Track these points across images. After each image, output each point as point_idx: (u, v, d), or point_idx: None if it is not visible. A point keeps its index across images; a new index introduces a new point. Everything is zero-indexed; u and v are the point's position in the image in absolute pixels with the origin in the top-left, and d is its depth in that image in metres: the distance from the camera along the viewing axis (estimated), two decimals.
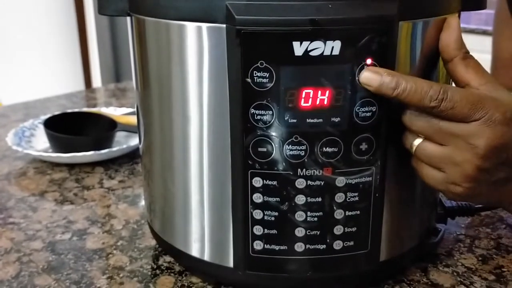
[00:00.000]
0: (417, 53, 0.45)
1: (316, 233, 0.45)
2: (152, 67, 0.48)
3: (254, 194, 0.45)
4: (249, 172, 0.44)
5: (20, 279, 0.53)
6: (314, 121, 0.42)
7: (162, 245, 0.56)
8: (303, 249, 0.46)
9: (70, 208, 0.68)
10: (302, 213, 0.45)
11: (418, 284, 0.52)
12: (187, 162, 0.48)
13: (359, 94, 0.42)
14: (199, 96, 0.45)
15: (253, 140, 0.43)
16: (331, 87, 0.41)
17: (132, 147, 0.81)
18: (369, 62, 0.41)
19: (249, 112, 0.42)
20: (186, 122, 0.46)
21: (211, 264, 0.50)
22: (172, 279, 0.53)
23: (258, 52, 0.40)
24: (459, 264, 0.55)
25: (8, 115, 1.08)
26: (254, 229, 0.46)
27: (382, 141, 0.44)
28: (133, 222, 0.64)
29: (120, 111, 0.97)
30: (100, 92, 1.39)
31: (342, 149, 0.43)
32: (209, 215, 0.48)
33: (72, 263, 0.56)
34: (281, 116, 0.42)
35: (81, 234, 0.61)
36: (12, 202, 0.70)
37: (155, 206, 0.54)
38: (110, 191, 0.73)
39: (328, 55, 0.40)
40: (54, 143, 0.83)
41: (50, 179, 0.77)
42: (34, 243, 0.60)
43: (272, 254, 0.46)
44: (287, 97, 0.41)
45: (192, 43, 0.43)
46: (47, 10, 2.78)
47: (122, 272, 0.54)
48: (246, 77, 0.41)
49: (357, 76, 0.41)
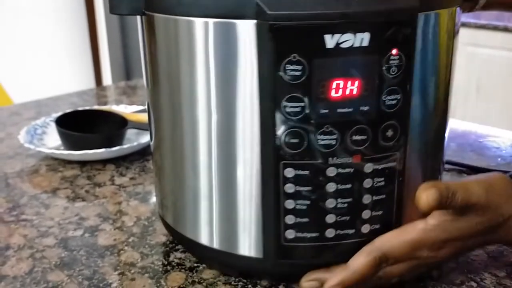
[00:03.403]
0: (432, 43, 0.46)
1: (346, 218, 0.47)
2: (171, 65, 0.48)
3: (286, 185, 0.46)
4: (281, 163, 0.45)
5: (33, 275, 0.54)
6: (344, 111, 0.44)
7: (179, 239, 0.56)
8: (333, 235, 0.47)
9: (82, 205, 0.69)
10: (333, 200, 0.46)
11: (428, 281, 0.52)
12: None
13: (386, 83, 0.44)
14: (222, 93, 0.45)
15: (285, 132, 0.44)
16: (360, 77, 0.43)
17: (142, 144, 0.82)
18: (394, 52, 0.43)
19: (281, 105, 0.43)
20: (211, 118, 0.47)
21: (237, 256, 0.50)
22: (183, 275, 0.53)
23: (290, 46, 0.42)
24: (470, 261, 0.55)
25: (20, 113, 1.09)
26: (286, 219, 0.47)
27: (405, 127, 0.46)
28: (144, 218, 0.65)
29: (131, 109, 0.98)
30: (111, 90, 1.40)
31: (370, 136, 0.45)
32: (223, 206, 0.49)
33: (84, 259, 0.56)
34: (313, 107, 0.43)
35: (93, 231, 0.62)
36: (24, 199, 0.70)
37: (169, 201, 0.55)
38: (121, 188, 0.73)
39: (358, 46, 0.42)
40: (65, 141, 0.83)
41: (62, 176, 0.77)
42: (47, 240, 0.60)
43: (304, 242, 0.47)
44: (319, 89, 0.43)
45: (217, 40, 0.44)
46: (58, 9, 2.79)
47: (133, 268, 0.55)
48: (278, 70, 0.42)
49: (384, 66, 0.43)
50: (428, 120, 0.49)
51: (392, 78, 0.44)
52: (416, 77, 0.46)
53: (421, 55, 0.45)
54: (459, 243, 0.47)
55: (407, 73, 0.44)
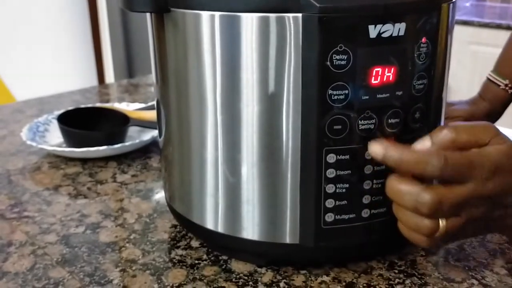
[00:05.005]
0: (444, 31, 0.50)
1: (379, 198, 0.50)
2: (199, 62, 0.49)
3: (327, 170, 0.48)
4: (323, 150, 0.47)
5: (35, 271, 0.54)
6: (382, 96, 0.47)
7: (205, 234, 0.56)
8: (368, 215, 0.50)
9: (83, 202, 0.69)
10: (369, 181, 0.49)
11: (429, 278, 0.52)
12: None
13: (416, 69, 0.48)
14: (262, 85, 0.47)
15: (329, 120, 0.46)
16: (396, 64, 0.46)
17: (144, 141, 0.82)
18: (424, 40, 0.47)
19: (327, 94, 0.46)
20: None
21: (267, 244, 0.52)
22: (184, 272, 0.53)
23: (337, 36, 0.44)
24: (471, 259, 0.55)
25: (23, 111, 1.09)
26: (327, 203, 0.49)
27: (429, 109, 0.50)
28: (145, 216, 0.65)
29: (133, 106, 0.98)
30: (113, 88, 1.40)
31: (402, 119, 0.48)
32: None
33: (85, 256, 0.56)
34: (356, 94, 0.46)
35: (95, 228, 0.62)
36: (27, 196, 0.71)
37: (193, 196, 0.55)
38: (123, 185, 0.73)
39: (396, 36, 0.45)
40: (67, 138, 0.84)
41: (64, 173, 0.77)
42: (49, 236, 0.60)
43: (342, 224, 0.50)
44: (361, 76, 0.46)
45: (258, 34, 0.46)
46: (61, 6, 2.79)
47: (134, 265, 0.55)
48: (325, 60, 0.45)
49: (415, 53, 0.47)
50: (438, 102, 0.52)
51: (421, 64, 0.48)
52: (439, 63, 0.50)
53: (440, 43, 0.49)
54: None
55: (433, 59, 0.48)
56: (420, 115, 0.49)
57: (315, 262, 0.54)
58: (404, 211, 0.46)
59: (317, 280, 0.52)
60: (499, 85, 0.92)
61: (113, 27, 2.93)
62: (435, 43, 0.48)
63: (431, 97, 0.50)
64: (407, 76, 0.47)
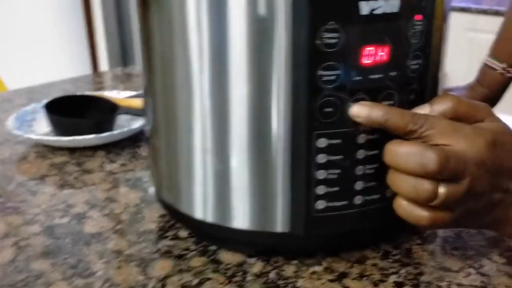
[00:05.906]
0: (438, 10, 0.48)
1: (373, 184, 0.48)
2: (185, 43, 0.47)
3: (318, 155, 0.46)
4: (313, 133, 0.45)
5: (16, 263, 0.52)
6: (375, 77, 0.45)
7: (194, 224, 0.55)
8: (361, 201, 0.48)
9: (70, 192, 0.67)
10: (362, 167, 0.47)
11: (425, 267, 0.50)
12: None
13: (412, 48, 0.46)
14: (254, 65, 0.45)
15: (320, 102, 0.44)
16: (389, 43, 0.45)
17: (133, 130, 0.80)
18: (418, 17, 0.45)
19: (316, 74, 0.44)
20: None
21: (258, 233, 0.50)
22: (171, 263, 0.52)
23: (327, 13, 0.43)
24: (468, 247, 0.53)
25: (12, 100, 1.07)
26: (317, 189, 0.47)
27: (424, 91, 0.48)
28: (133, 205, 0.63)
29: (124, 94, 0.96)
30: (107, 76, 1.38)
31: (396, 101, 0.46)
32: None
33: (69, 247, 0.54)
34: (347, 74, 0.44)
35: (80, 218, 0.60)
36: (12, 186, 0.69)
37: (184, 185, 0.53)
38: (111, 174, 0.71)
39: (388, 13, 0.44)
40: (55, 127, 0.81)
41: (50, 163, 0.75)
42: (32, 227, 0.59)
43: (333, 211, 0.48)
44: (353, 56, 0.44)
45: (249, 11, 0.44)
46: None
47: (120, 256, 0.53)
48: (315, 39, 0.43)
49: (410, 31, 0.45)
50: (434, 84, 0.50)
51: (416, 43, 0.46)
52: (435, 42, 0.48)
53: (436, 20, 0.47)
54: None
55: (428, 38, 0.46)
56: (415, 97, 0.47)
57: (307, 251, 0.52)
58: (402, 177, 0.44)
59: (309, 270, 0.51)
60: (496, 69, 0.90)
61: (106, 14, 2.90)
62: (430, 20, 0.46)
63: (427, 78, 0.48)
64: (401, 56, 0.45)
